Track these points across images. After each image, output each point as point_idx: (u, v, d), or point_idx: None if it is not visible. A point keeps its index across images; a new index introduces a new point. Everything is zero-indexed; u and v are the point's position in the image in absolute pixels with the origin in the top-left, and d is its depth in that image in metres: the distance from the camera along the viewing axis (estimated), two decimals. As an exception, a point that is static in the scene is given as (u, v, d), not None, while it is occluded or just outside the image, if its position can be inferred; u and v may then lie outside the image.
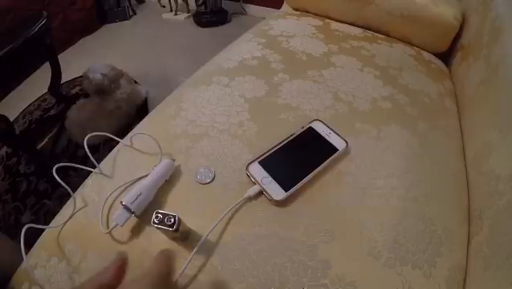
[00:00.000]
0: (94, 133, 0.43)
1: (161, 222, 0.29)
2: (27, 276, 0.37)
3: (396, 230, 0.37)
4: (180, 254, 0.34)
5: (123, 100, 1.24)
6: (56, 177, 0.38)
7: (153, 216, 0.29)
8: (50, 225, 0.39)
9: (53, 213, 0.41)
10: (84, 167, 0.42)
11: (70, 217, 0.39)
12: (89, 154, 0.40)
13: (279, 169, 0.41)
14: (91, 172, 0.44)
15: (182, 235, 0.33)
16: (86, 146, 0.40)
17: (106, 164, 0.45)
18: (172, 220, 0.29)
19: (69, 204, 0.41)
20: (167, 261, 0.25)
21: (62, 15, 1.83)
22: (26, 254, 0.33)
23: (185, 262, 0.32)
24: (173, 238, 0.34)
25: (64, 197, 0.41)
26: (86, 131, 0.42)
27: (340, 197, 0.40)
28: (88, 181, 0.44)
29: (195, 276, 0.33)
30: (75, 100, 1.25)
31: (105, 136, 0.45)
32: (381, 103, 0.55)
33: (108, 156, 0.47)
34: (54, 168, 0.38)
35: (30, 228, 0.32)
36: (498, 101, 0.49)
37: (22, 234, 0.31)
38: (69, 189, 0.40)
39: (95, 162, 0.43)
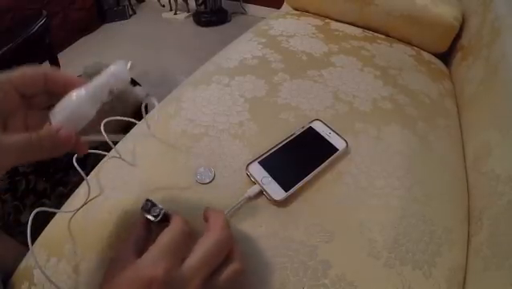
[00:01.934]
0: (111, 118, 0.38)
1: (148, 211, 0.29)
2: (27, 275, 0.37)
3: (396, 230, 0.37)
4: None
5: (114, 100, 1.24)
6: (77, 166, 0.37)
7: (143, 202, 0.30)
8: (62, 209, 0.39)
9: (52, 213, 0.41)
10: (104, 152, 0.43)
11: (84, 204, 0.39)
12: (107, 139, 0.35)
13: (279, 169, 0.41)
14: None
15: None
16: (103, 132, 0.35)
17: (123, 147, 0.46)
18: (158, 211, 0.29)
19: (81, 191, 0.42)
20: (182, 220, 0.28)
21: (61, 14, 1.83)
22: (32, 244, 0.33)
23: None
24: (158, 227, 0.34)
25: (64, 197, 0.41)
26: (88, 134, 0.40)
27: (340, 197, 0.40)
28: (103, 165, 0.44)
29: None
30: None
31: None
32: (381, 103, 0.55)
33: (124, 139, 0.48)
34: (74, 158, 0.38)
35: (32, 225, 0.32)
36: (498, 101, 0.49)
37: (30, 219, 0.31)
38: (85, 177, 0.39)
39: (112, 144, 0.39)
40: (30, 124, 0.25)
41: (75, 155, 0.38)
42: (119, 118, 0.44)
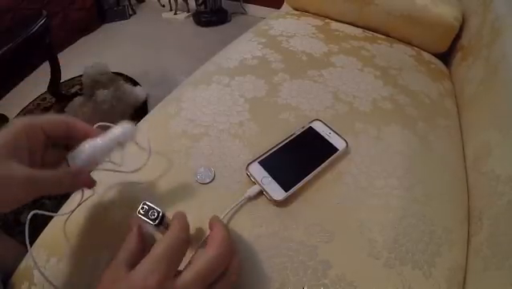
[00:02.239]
0: (101, 123, 0.41)
1: (145, 214, 0.29)
2: (27, 276, 0.37)
3: (396, 230, 0.37)
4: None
5: (113, 100, 1.24)
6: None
7: (140, 205, 0.29)
8: (59, 213, 0.39)
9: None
10: None
11: (78, 205, 0.38)
12: None
13: (279, 169, 0.41)
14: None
15: (165, 231, 0.33)
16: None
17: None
18: (156, 214, 0.29)
19: (75, 194, 0.41)
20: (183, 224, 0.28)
21: (61, 14, 1.83)
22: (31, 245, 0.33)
23: (185, 262, 0.32)
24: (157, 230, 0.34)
25: (64, 197, 0.41)
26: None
27: (340, 197, 0.40)
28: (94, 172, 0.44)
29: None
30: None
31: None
32: (381, 103, 0.55)
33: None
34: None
35: (30, 225, 0.32)
36: (498, 101, 0.49)
37: (27, 222, 0.31)
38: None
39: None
40: (46, 160, 0.30)
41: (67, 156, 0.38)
42: (108, 124, 0.44)
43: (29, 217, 0.31)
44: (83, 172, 0.30)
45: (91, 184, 0.31)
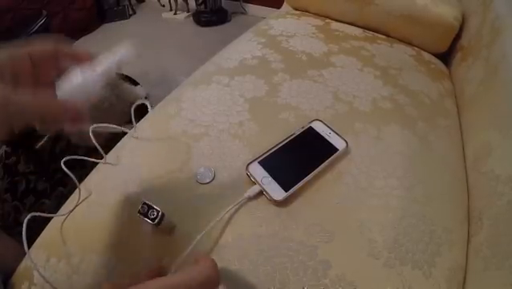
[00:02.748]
0: (101, 124, 0.42)
1: (145, 214, 0.30)
2: (27, 276, 0.37)
3: (396, 230, 0.37)
4: (179, 253, 0.34)
5: (112, 98, 1.24)
6: (65, 169, 0.37)
7: (140, 205, 0.30)
8: (58, 213, 0.39)
9: (51, 212, 0.41)
10: (92, 159, 0.43)
11: (76, 205, 0.39)
12: (97, 145, 0.40)
13: (279, 169, 0.41)
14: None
15: (164, 230, 0.34)
16: (92, 137, 0.38)
17: (112, 155, 0.46)
18: (155, 214, 0.29)
19: (74, 195, 0.41)
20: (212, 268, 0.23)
21: (61, 14, 1.83)
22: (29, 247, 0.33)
23: (181, 262, 0.32)
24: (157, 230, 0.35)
25: (63, 197, 0.41)
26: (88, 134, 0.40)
27: (340, 197, 0.40)
28: (104, 166, 0.44)
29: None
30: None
31: (108, 133, 0.45)
32: (381, 103, 0.55)
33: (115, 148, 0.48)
34: (62, 162, 0.38)
35: (29, 225, 0.32)
36: (497, 101, 0.49)
37: (24, 225, 0.31)
38: (75, 180, 0.39)
39: (103, 152, 0.43)
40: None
41: (63, 159, 0.38)
42: (107, 125, 0.44)
43: (26, 220, 0.31)
44: (72, 102, 0.25)
45: (79, 117, 0.25)
